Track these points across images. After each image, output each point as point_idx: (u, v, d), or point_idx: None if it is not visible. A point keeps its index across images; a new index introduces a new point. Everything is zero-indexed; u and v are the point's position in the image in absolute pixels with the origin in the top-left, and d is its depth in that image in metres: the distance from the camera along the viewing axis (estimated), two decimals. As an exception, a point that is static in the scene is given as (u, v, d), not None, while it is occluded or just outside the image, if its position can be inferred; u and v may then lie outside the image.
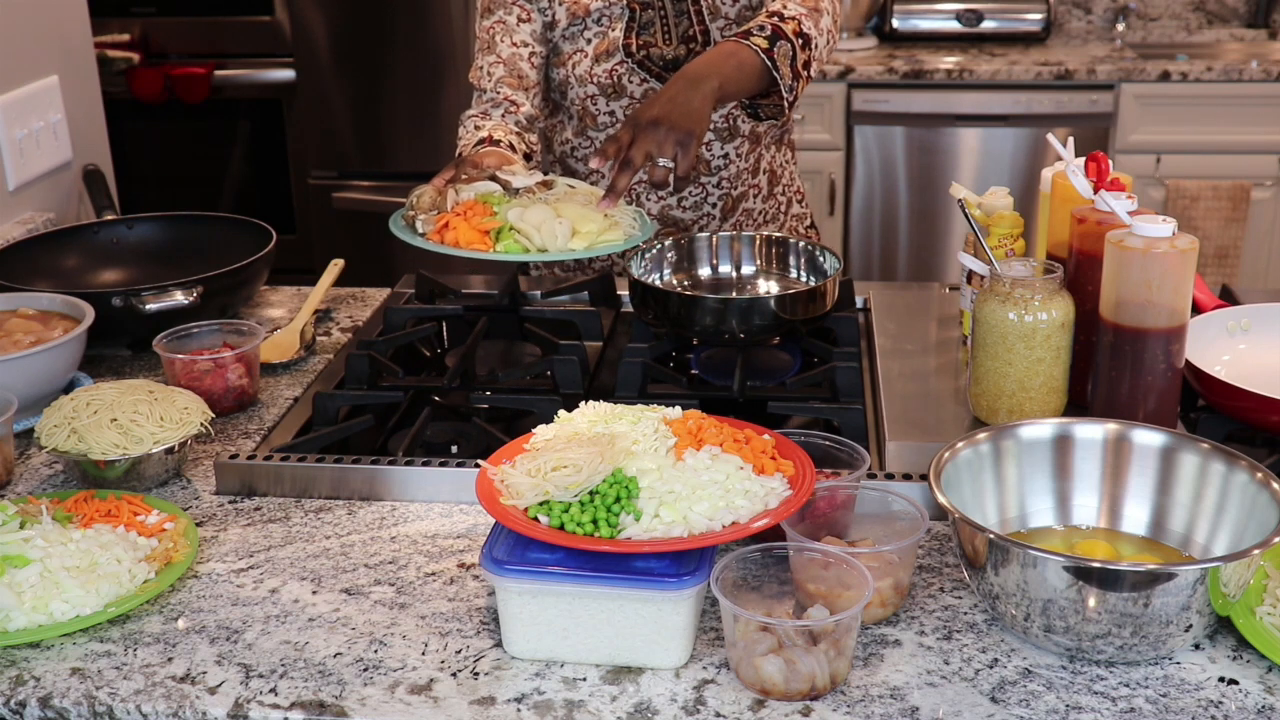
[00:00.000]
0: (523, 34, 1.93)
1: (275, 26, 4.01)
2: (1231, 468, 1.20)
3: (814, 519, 1.24)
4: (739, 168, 2.03)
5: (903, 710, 1.05)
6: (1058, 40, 4.18)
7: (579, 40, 1.94)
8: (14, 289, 1.74)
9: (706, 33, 1.93)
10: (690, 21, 1.92)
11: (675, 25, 1.92)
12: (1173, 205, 3.75)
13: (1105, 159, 1.46)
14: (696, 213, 2.04)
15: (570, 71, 1.95)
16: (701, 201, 2.03)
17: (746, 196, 2.07)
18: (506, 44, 1.93)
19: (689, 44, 1.93)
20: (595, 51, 1.93)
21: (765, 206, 2.10)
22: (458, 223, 1.57)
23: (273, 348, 1.76)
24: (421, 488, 1.40)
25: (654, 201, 2.02)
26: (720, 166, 2.01)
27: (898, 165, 3.88)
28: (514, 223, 1.56)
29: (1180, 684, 1.08)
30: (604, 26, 1.93)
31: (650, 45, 1.92)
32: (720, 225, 2.06)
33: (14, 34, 2.12)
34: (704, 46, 1.93)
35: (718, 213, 2.05)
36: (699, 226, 2.05)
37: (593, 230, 1.57)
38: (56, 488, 1.45)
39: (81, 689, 1.10)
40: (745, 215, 2.08)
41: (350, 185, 4.00)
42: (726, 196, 2.04)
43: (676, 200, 2.02)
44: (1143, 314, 1.32)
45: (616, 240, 1.59)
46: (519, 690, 1.08)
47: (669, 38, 1.91)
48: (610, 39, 1.92)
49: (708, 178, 2.01)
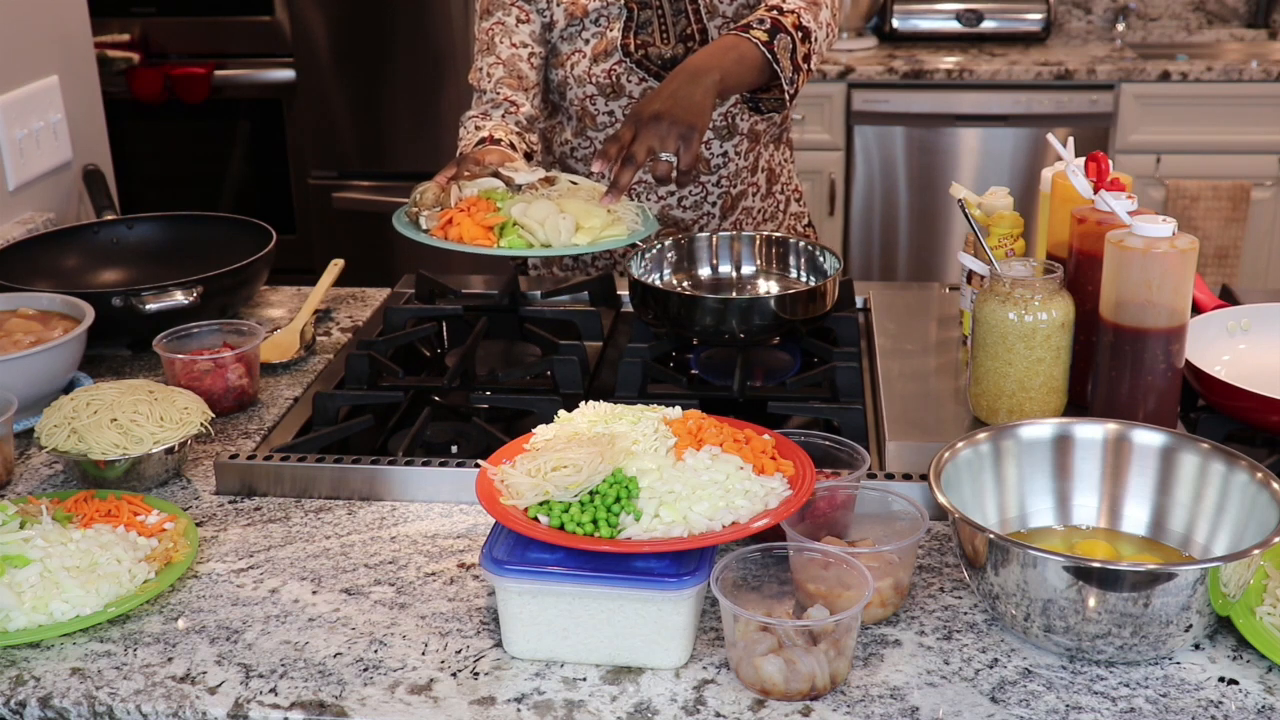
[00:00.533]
0: (522, 35, 1.94)
1: (275, 26, 4.01)
2: (1231, 468, 1.20)
3: (814, 519, 1.24)
4: (738, 166, 2.03)
5: (903, 710, 1.05)
6: (1058, 40, 4.18)
7: (577, 41, 1.94)
8: (14, 289, 1.74)
9: (704, 31, 1.93)
10: (688, 20, 1.92)
11: (673, 24, 1.92)
12: (1173, 205, 3.75)
13: (1105, 159, 1.46)
14: (696, 212, 2.04)
15: (569, 72, 1.95)
16: (701, 201, 2.03)
17: (746, 195, 2.07)
18: (506, 45, 1.93)
19: (687, 43, 1.93)
20: (593, 52, 1.93)
21: (764, 205, 2.10)
22: (461, 219, 1.58)
23: (273, 348, 1.76)
24: (421, 488, 1.40)
25: (654, 201, 2.02)
26: (719, 165, 2.01)
27: (898, 165, 3.88)
28: (517, 218, 1.56)
29: (1180, 684, 1.08)
30: (602, 27, 1.93)
31: (648, 45, 1.92)
32: (720, 224, 2.06)
33: (14, 34, 2.12)
34: (702, 45, 1.93)
35: (717, 211, 2.05)
36: (699, 226, 2.05)
37: (596, 226, 1.58)
38: (56, 488, 1.45)
39: (81, 689, 1.10)
40: (745, 214, 2.08)
41: (350, 185, 4.00)
42: (726, 195, 2.04)
43: (676, 200, 2.02)
44: (1143, 314, 1.32)
45: (620, 235, 1.60)
46: (519, 690, 1.08)
47: (667, 37, 1.91)
48: (608, 39, 1.93)
49: (707, 176, 2.02)
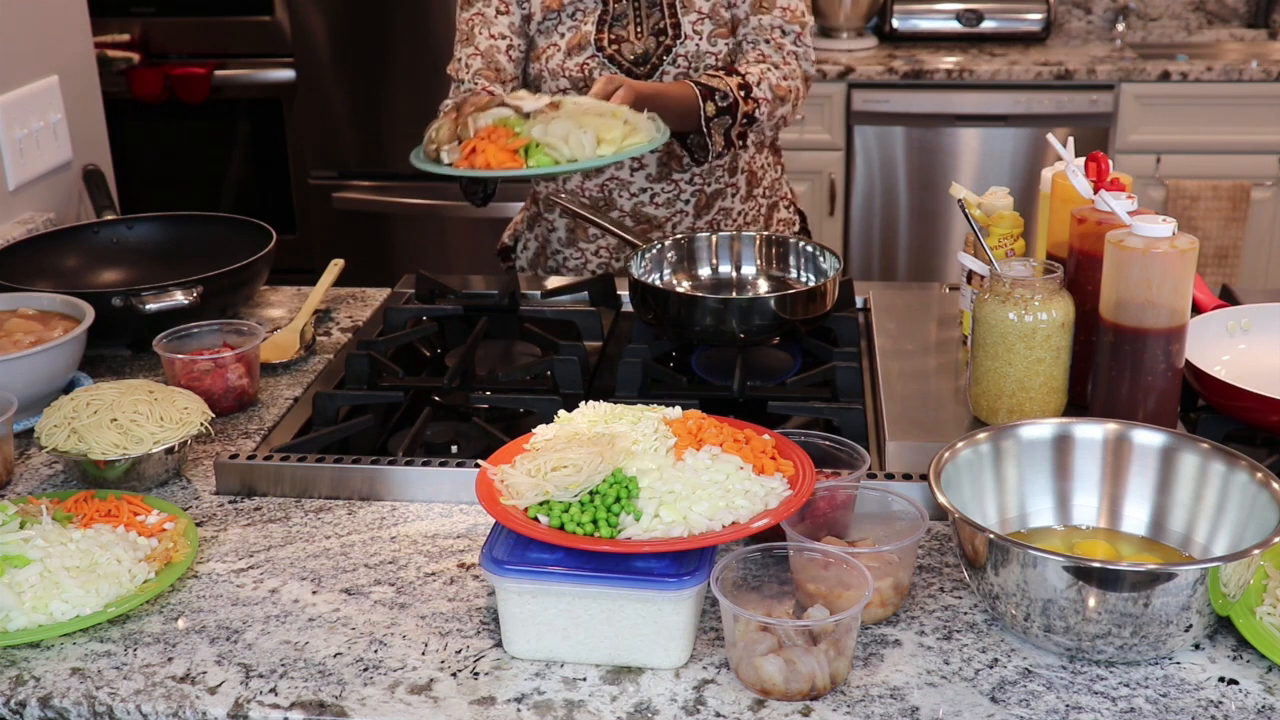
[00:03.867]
0: (500, 26, 1.97)
1: (275, 26, 4.01)
2: (1231, 468, 1.20)
3: (814, 519, 1.24)
4: (712, 164, 2.04)
5: (903, 710, 1.05)
6: (1058, 40, 4.18)
7: (553, 35, 1.96)
8: (14, 289, 1.74)
9: (678, 26, 1.95)
10: (662, 14, 1.94)
11: (647, 18, 1.93)
12: (1173, 205, 3.75)
13: (1105, 159, 1.46)
14: (670, 209, 2.05)
15: (544, 65, 1.97)
16: (674, 199, 2.04)
17: (724, 195, 2.07)
18: (484, 36, 1.96)
19: (659, 37, 1.95)
20: (567, 45, 1.95)
21: (745, 207, 2.11)
22: (484, 146, 1.60)
23: (273, 348, 1.76)
24: (421, 488, 1.40)
25: (626, 198, 2.03)
26: (691, 164, 2.02)
27: (898, 165, 3.88)
28: (540, 139, 1.59)
29: (1180, 684, 1.08)
30: (577, 21, 1.95)
31: (622, 39, 1.94)
32: (695, 222, 2.06)
33: (14, 34, 2.12)
34: (674, 40, 1.95)
35: (691, 209, 2.05)
36: (673, 223, 2.05)
37: (616, 137, 1.62)
38: (56, 488, 1.45)
39: (81, 689, 1.10)
40: (723, 214, 2.08)
41: (350, 185, 4.00)
42: (700, 193, 2.05)
43: (649, 196, 2.03)
44: (1143, 314, 1.32)
45: (641, 142, 1.64)
46: (519, 690, 1.08)
47: (640, 31, 1.93)
48: (582, 33, 1.94)
49: (679, 174, 2.02)
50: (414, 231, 3.98)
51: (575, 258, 2.14)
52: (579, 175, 2.01)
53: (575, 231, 2.11)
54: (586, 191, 2.04)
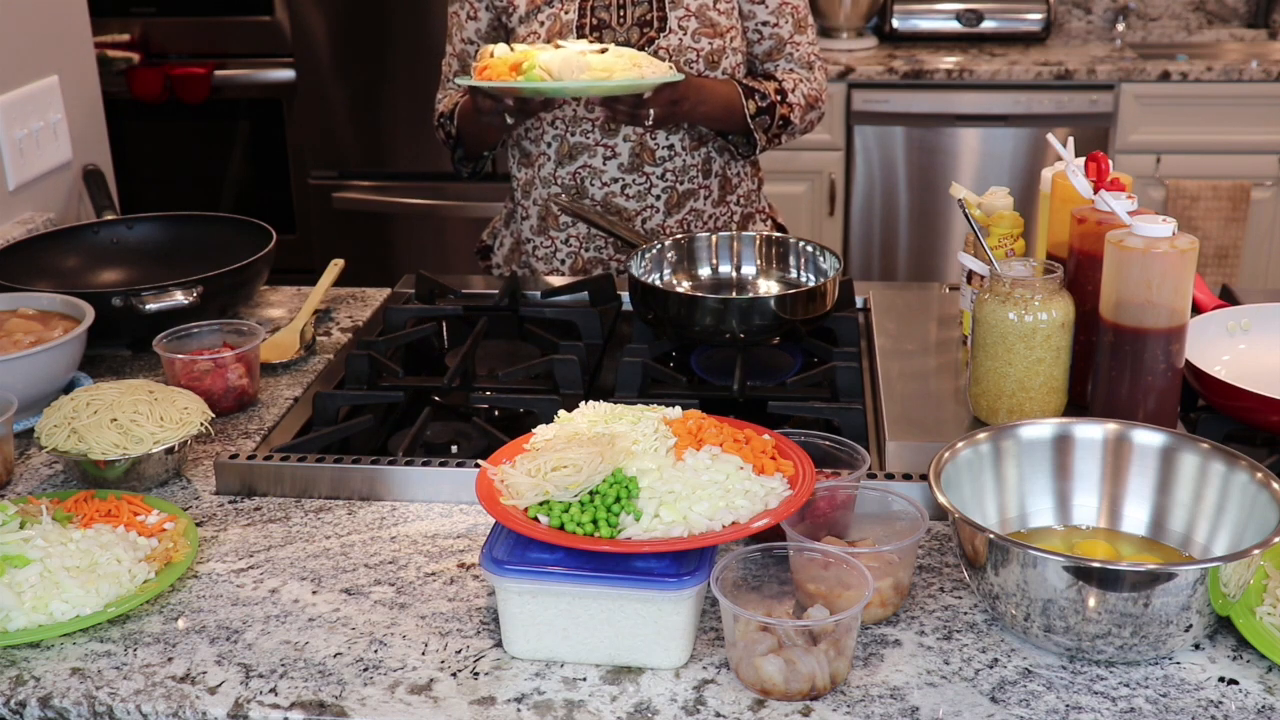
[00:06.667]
0: (468, 32, 2.08)
1: (275, 26, 4.01)
2: (1231, 468, 1.20)
3: (814, 519, 1.24)
4: (685, 161, 2.06)
5: (903, 710, 1.05)
6: (1058, 40, 4.18)
7: (533, 23, 1.99)
8: (14, 289, 1.73)
9: (664, 20, 1.97)
10: (649, 6, 1.96)
11: (633, 7, 1.97)
12: (1173, 205, 3.75)
13: (1105, 159, 1.46)
14: (640, 203, 2.06)
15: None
16: (645, 192, 2.06)
17: (696, 196, 2.09)
18: (458, 39, 2.10)
19: (644, 29, 1.96)
20: (548, 33, 1.97)
21: (716, 211, 2.12)
22: (494, 62, 1.76)
23: (273, 348, 1.76)
24: (421, 488, 1.40)
25: (598, 188, 2.05)
26: (665, 157, 2.05)
27: (898, 165, 3.88)
28: (543, 63, 1.72)
29: (1180, 684, 1.08)
30: (556, 9, 1.99)
31: (604, 25, 1.97)
32: (665, 220, 2.07)
33: (14, 34, 2.12)
34: (658, 33, 1.98)
35: (662, 205, 2.07)
36: (643, 217, 2.06)
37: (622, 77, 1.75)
38: (56, 488, 1.45)
39: (81, 689, 1.10)
40: (694, 215, 2.10)
41: (350, 185, 3.99)
42: (671, 190, 2.06)
43: (620, 188, 2.06)
44: (1143, 314, 1.32)
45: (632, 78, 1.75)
46: (519, 690, 1.08)
47: (624, 19, 1.95)
48: (563, 21, 1.97)
49: (651, 167, 2.04)
50: (414, 231, 3.98)
51: (545, 246, 2.14)
52: (553, 162, 2.07)
53: (546, 219, 2.12)
54: (560, 179, 2.06)
